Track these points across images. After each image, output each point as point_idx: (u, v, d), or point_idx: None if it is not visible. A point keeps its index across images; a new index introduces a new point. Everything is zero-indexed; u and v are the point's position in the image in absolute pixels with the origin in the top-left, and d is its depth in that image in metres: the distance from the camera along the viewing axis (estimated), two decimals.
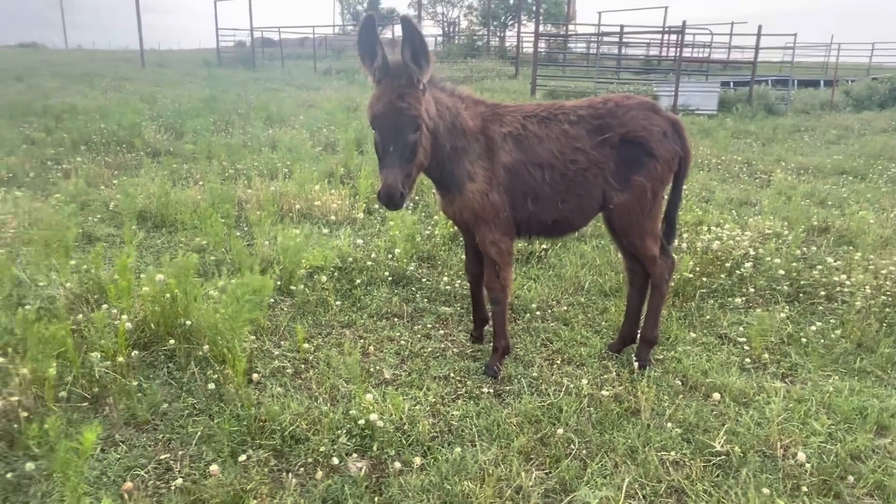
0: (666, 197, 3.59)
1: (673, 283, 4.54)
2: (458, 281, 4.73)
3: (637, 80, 19.74)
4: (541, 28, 26.47)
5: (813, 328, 4.04)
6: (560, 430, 2.97)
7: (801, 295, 4.59)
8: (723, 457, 2.83)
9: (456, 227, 4.36)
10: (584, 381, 3.39)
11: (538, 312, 4.28)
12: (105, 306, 3.81)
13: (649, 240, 3.48)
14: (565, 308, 4.40)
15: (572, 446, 2.91)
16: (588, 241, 5.57)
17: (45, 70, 22.28)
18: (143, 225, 5.80)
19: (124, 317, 3.63)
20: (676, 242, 3.70)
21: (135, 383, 3.23)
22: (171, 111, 11.60)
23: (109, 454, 2.79)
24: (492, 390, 3.38)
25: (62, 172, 7.47)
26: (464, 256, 4.05)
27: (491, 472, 2.67)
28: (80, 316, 3.80)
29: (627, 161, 3.34)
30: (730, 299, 4.51)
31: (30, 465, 2.65)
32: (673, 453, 2.84)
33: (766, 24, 17.22)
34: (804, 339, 3.93)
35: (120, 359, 3.35)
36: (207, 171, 7.40)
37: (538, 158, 3.31)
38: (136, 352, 3.51)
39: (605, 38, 25.12)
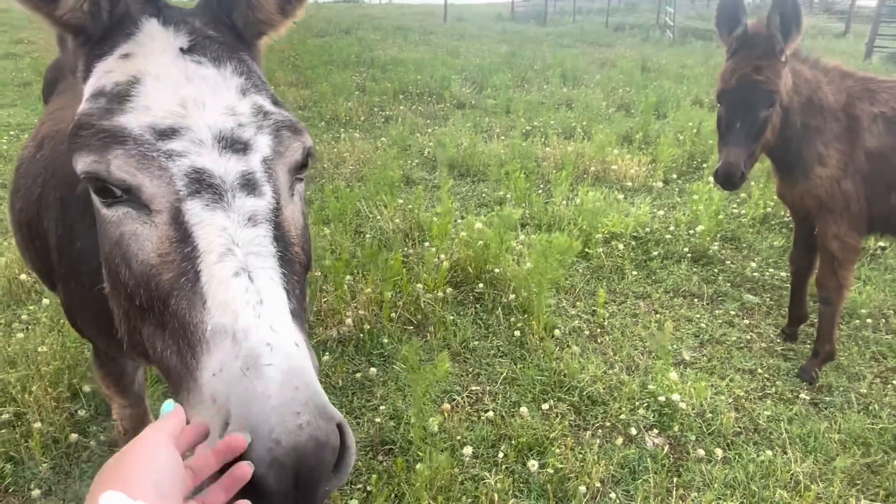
0: None
1: None
2: (770, 270, 4.32)
3: None
4: None
5: None
6: None
7: None
8: None
9: (789, 213, 3.90)
10: None
11: (869, 320, 3.71)
12: (427, 244, 4.32)
13: None
14: None
15: None
16: None
17: (366, 24, 25.31)
18: (452, 172, 6.37)
19: (442, 256, 4.08)
20: None
21: (450, 317, 3.62)
22: (473, 66, 12.36)
23: (430, 375, 3.20)
24: (808, 397, 3.06)
25: (385, 118, 8.52)
26: (790, 245, 3.65)
27: (808, 486, 2.45)
28: (408, 249, 4.36)
29: None
30: None
31: (372, 371, 3.18)
32: None
33: None
34: None
35: (439, 293, 3.78)
36: (508, 127, 7.78)
37: None
38: (451, 289, 3.92)
39: None
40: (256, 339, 0.81)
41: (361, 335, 3.45)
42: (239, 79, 1.05)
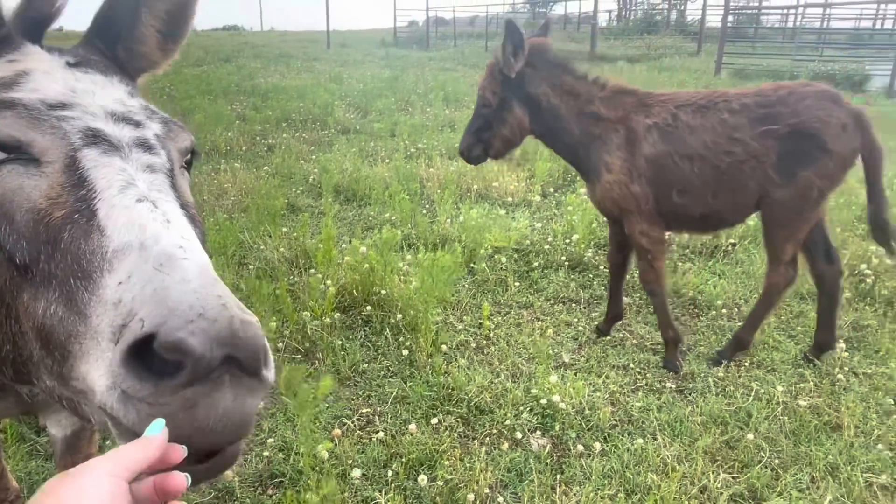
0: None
1: (886, 292, 4.11)
2: (638, 271, 4.65)
3: (843, 56, 17.55)
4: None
5: None
6: (750, 436, 2.86)
7: None
8: None
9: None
10: (779, 388, 3.21)
11: (724, 311, 4.10)
12: (312, 270, 4.29)
13: (789, 244, 3.24)
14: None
15: (762, 454, 2.79)
16: None
17: (247, 52, 24.82)
18: (337, 198, 6.36)
19: (329, 282, 4.07)
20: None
21: (339, 342, 3.62)
22: (357, 91, 12.45)
23: (320, 403, 3.18)
24: (674, 385, 3.33)
25: (268, 147, 8.38)
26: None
27: (675, 467, 2.66)
28: (294, 277, 4.31)
29: (795, 154, 3.06)
30: None
31: (259, 403, 3.10)
32: (884, 477, 2.62)
33: None
34: None
35: (326, 319, 3.77)
36: (393, 150, 7.90)
37: (688, 150, 3.16)
38: (338, 314, 3.91)
39: (807, 11, 22.58)
40: (168, 242, 0.79)
41: None
42: (126, 87, 1.10)
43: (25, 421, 2.95)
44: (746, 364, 3.53)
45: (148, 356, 0.72)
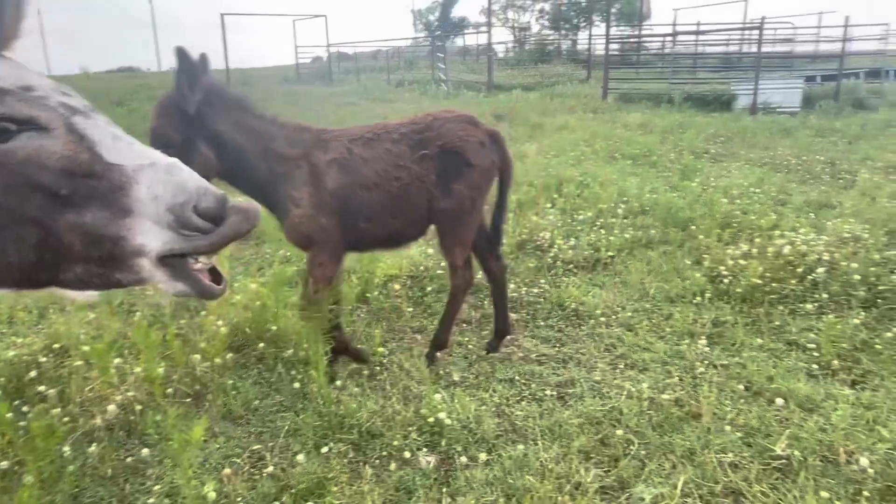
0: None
1: (740, 290, 4.54)
2: (524, 288, 4.91)
3: (714, 78, 19.17)
4: (613, 29, 26.13)
5: (889, 334, 3.95)
6: (620, 432, 3.10)
7: (878, 301, 4.46)
8: (783, 461, 2.88)
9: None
10: (645, 385, 3.50)
11: (602, 318, 4.40)
12: (204, 312, 4.25)
13: (458, 248, 3.71)
14: (630, 314, 4.49)
15: (631, 447, 3.03)
16: (655, 248, 5.61)
17: (142, 93, 24.01)
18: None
19: (220, 322, 4.05)
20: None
21: (230, 382, 3.61)
22: None
23: (210, 444, 3.16)
24: (555, 393, 3.55)
25: None
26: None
27: (551, 468, 2.84)
28: (184, 321, 4.25)
29: (447, 170, 3.53)
30: (801, 305, 4.46)
31: (145, 451, 3.06)
32: (731, 455, 2.91)
33: (859, 11, 16.35)
34: (879, 346, 3.86)
35: (217, 360, 3.75)
36: None
37: (365, 180, 3.47)
38: (231, 354, 3.90)
39: (681, 37, 24.51)
40: (167, 160, 1.34)
41: (133, 418, 3.30)
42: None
43: None
44: (621, 366, 3.81)
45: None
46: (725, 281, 4.68)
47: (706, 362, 3.78)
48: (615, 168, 8.45)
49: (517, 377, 3.73)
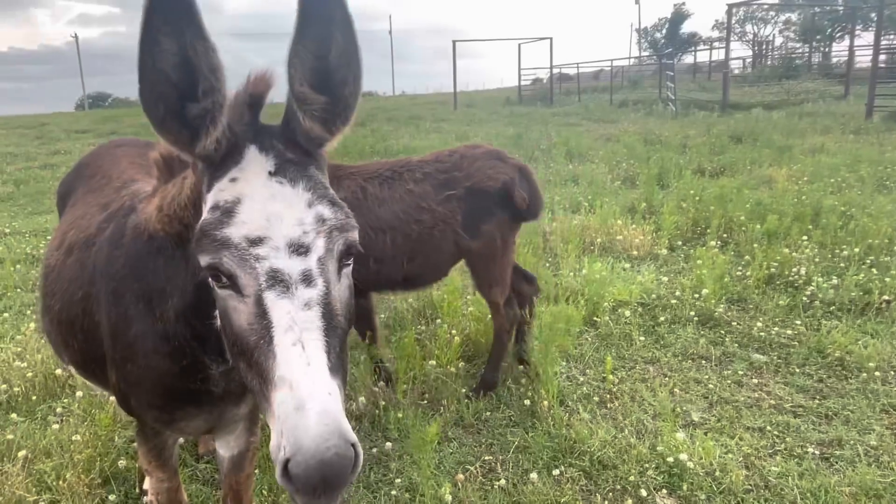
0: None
1: None
2: (776, 328, 4.39)
3: None
4: (883, 38, 22.61)
5: None
6: None
7: None
8: None
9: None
10: None
11: (877, 373, 3.75)
12: (438, 320, 4.49)
13: (496, 288, 3.57)
14: None
15: None
16: None
17: (380, 115, 26.56)
18: None
19: (454, 331, 4.24)
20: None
21: (463, 390, 3.74)
22: None
23: (444, 447, 3.30)
24: (818, 452, 3.09)
25: None
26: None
27: None
28: (421, 327, 4.53)
29: (476, 211, 3.37)
30: None
31: (388, 445, 3.29)
32: None
33: None
34: None
35: (451, 368, 3.92)
36: None
37: (378, 222, 3.20)
38: (463, 363, 4.05)
39: None
40: (304, 391, 1.20)
41: (377, 411, 3.58)
42: (307, 193, 1.41)
43: (187, 448, 3.33)
44: None
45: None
46: None
47: None
48: (889, 199, 7.23)
49: (769, 427, 3.32)
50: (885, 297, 4.67)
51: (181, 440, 3.08)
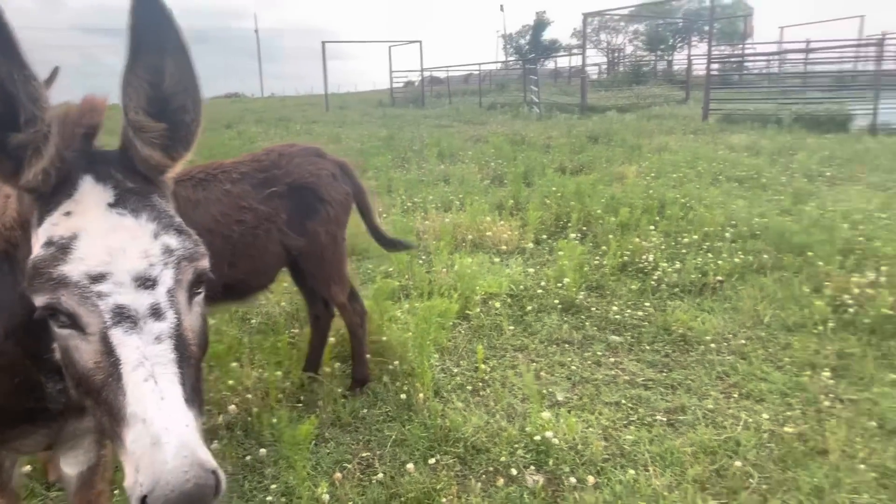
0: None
1: (868, 320, 4.22)
2: (629, 311, 4.79)
3: (827, 98, 18.06)
4: (714, 49, 25.26)
5: None
6: (737, 463, 2.95)
7: None
8: None
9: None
10: (764, 416, 3.31)
11: (713, 345, 4.21)
12: None
13: (335, 287, 3.56)
14: (743, 341, 4.27)
15: (751, 480, 2.87)
16: (768, 274, 5.32)
17: (248, 117, 25.55)
18: None
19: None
20: None
21: (339, 390, 3.73)
22: (354, 150, 12.85)
23: (321, 448, 3.27)
24: (665, 419, 3.42)
25: None
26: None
27: (665, 496, 2.74)
28: (294, 330, 4.45)
29: (300, 208, 3.35)
30: None
31: (262, 451, 3.21)
32: (866, 496, 2.69)
33: None
34: None
35: (327, 369, 3.89)
36: (390, 205, 8.15)
37: (193, 226, 3.22)
38: (338, 364, 4.04)
39: (789, 56, 23.34)
40: (159, 425, 1.15)
41: (250, 419, 3.48)
42: (151, 224, 1.34)
43: (36, 477, 3.05)
44: (735, 395, 3.63)
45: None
46: (851, 310, 4.36)
47: (831, 396, 3.53)
48: (720, 190, 8.11)
49: (623, 401, 3.63)
50: (719, 278, 5.25)
51: (27, 465, 2.83)
